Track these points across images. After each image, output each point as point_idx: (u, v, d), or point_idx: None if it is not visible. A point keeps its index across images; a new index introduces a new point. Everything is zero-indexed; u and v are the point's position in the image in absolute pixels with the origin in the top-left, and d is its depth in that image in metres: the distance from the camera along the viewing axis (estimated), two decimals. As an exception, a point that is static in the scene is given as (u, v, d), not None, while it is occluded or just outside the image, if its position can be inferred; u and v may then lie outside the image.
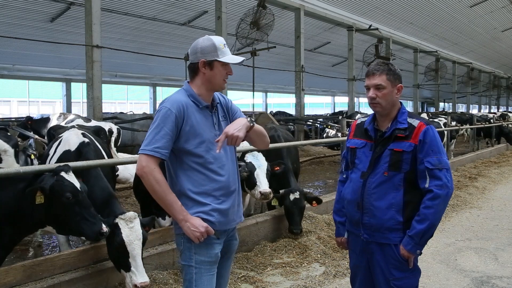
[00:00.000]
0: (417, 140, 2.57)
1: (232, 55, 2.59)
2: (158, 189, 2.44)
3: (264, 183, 4.98)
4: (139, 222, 3.50)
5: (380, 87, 2.62)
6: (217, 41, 2.56)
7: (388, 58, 18.35)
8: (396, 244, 2.61)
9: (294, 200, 5.51)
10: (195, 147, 2.51)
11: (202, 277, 2.53)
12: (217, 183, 2.55)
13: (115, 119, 11.29)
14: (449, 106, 42.36)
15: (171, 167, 2.57)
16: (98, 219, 3.32)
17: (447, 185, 2.52)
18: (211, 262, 2.57)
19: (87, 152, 4.08)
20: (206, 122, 2.57)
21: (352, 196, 2.72)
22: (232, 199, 2.63)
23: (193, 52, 2.56)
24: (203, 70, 2.55)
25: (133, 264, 3.34)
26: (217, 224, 2.54)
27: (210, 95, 2.62)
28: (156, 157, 2.44)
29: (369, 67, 2.73)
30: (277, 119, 14.94)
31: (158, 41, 18.34)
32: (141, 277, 3.32)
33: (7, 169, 3.86)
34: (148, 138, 2.48)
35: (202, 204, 2.52)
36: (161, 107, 2.52)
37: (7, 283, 3.45)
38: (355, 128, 2.85)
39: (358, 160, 2.73)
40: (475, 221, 6.94)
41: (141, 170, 2.45)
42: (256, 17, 12.71)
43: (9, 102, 30.31)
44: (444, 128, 12.69)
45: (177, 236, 2.61)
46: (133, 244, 3.37)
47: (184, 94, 2.58)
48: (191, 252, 2.54)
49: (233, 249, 2.77)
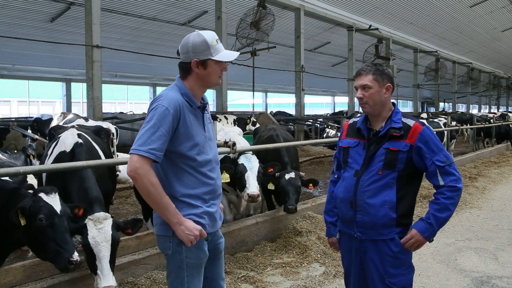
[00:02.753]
0: (414, 140, 2.60)
1: (226, 52, 2.50)
2: (153, 192, 2.34)
3: (253, 185, 4.96)
4: (110, 223, 3.35)
5: (367, 87, 2.66)
6: (209, 38, 2.43)
7: (388, 58, 18.37)
8: (392, 238, 2.64)
9: (289, 179, 5.57)
10: (188, 150, 2.44)
11: (194, 279, 2.51)
12: (207, 186, 2.52)
13: (115, 119, 11.29)
14: (449, 106, 42.37)
15: (161, 169, 2.46)
16: (71, 246, 3.09)
17: (459, 177, 2.63)
18: (201, 264, 2.55)
19: (79, 152, 4.04)
20: (198, 123, 2.51)
21: (345, 195, 2.73)
22: (218, 203, 2.63)
23: (185, 51, 2.44)
24: (196, 70, 2.45)
25: (99, 267, 3.19)
26: (207, 227, 2.51)
27: (202, 93, 2.57)
28: (150, 158, 2.33)
29: (358, 69, 2.78)
30: (277, 119, 14.93)
31: (158, 41, 18.34)
32: (106, 281, 3.15)
33: (7, 169, 3.86)
34: (142, 137, 2.34)
35: (193, 206, 2.47)
36: (157, 105, 2.39)
37: (7, 283, 3.46)
38: (348, 128, 2.88)
39: (351, 159, 2.75)
40: (475, 221, 6.93)
41: (135, 171, 2.31)
42: (256, 17, 12.71)
43: (9, 102, 30.31)
44: (444, 128, 12.69)
45: (163, 239, 2.50)
46: (99, 246, 3.22)
47: (179, 92, 2.47)
48: (182, 256, 2.47)
49: (221, 249, 2.74)
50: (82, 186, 3.73)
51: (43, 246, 3.14)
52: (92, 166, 3.89)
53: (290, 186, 5.53)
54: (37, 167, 4.37)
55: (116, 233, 3.37)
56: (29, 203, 3.14)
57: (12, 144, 9.89)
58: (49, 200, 3.16)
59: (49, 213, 3.11)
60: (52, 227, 3.09)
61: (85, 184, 3.73)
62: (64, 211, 3.19)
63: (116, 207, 7.75)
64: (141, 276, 4.13)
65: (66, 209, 3.24)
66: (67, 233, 3.15)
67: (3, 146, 9.96)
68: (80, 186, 3.73)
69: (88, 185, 3.73)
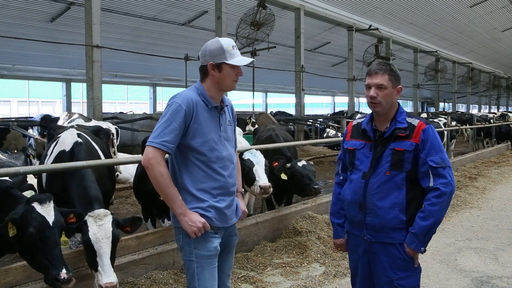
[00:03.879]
0: (418, 139, 2.58)
1: (240, 57, 2.64)
2: (161, 182, 2.50)
3: (263, 177, 5.02)
4: (110, 220, 3.35)
5: (382, 87, 2.63)
6: (225, 44, 2.61)
7: (388, 58, 18.36)
8: (401, 243, 2.61)
9: (303, 165, 5.76)
10: (200, 145, 2.58)
11: (203, 270, 2.60)
12: (216, 182, 2.63)
13: (115, 119, 11.29)
14: (449, 106, 42.38)
15: (175, 161, 2.64)
16: (60, 262, 3.02)
17: (451, 183, 2.54)
18: (211, 256, 2.63)
19: (79, 152, 4.05)
20: (213, 122, 2.65)
21: (353, 197, 2.71)
22: (230, 200, 2.71)
23: (203, 55, 2.64)
24: (212, 73, 2.62)
25: (100, 263, 3.19)
26: (214, 220, 2.61)
27: (220, 95, 2.71)
28: (162, 150, 2.50)
29: (371, 66, 2.73)
30: (277, 119, 14.94)
31: (158, 41, 18.35)
32: (107, 277, 3.14)
33: (7, 169, 3.86)
34: (156, 131, 2.53)
35: (200, 200, 2.60)
36: (172, 102, 2.58)
37: (7, 283, 3.45)
38: (352, 130, 2.85)
39: (358, 161, 2.73)
40: (475, 221, 6.93)
41: (147, 161, 2.50)
42: (256, 17, 12.71)
43: (9, 102, 30.30)
44: (444, 128, 12.69)
45: (175, 230, 2.67)
46: (100, 243, 3.24)
47: (195, 92, 2.64)
48: (190, 247, 2.61)
49: (233, 244, 2.84)
50: (82, 185, 3.73)
51: (33, 257, 3.11)
52: (92, 166, 3.89)
53: (307, 170, 5.71)
54: (37, 167, 4.37)
55: (116, 230, 3.38)
56: (21, 213, 3.07)
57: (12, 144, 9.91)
58: (42, 211, 3.09)
59: (40, 226, 3.03)
60: (43, 240, 3.03)
61: (85, 182, 3.74)
62: (57, 222, 3.12)
63: (116, 207, 7.75)
64: (141, 276, 4.13)
65: (60, 218, 3.18)
66: (58, 247, 3.09)
67: (3, 146, 9.97)
68: (79, 185, 3.73)
69: (88, 184, 3.73)
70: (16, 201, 3.36)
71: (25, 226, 3.03)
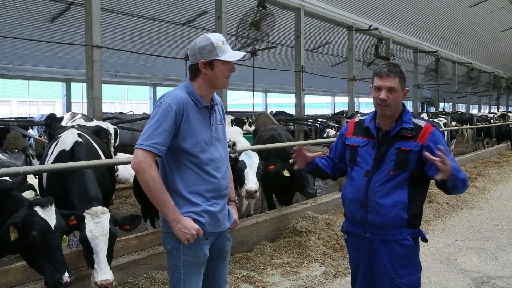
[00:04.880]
0: (424, 140, 2.59)
1: (232, 52, 2.55)
2: (153, 187, 2.40)
3: (251, 181, 4.98)
4: (108, 217, 3.36)
5: (393, 90, 2.61)
6: (215, 39, 2.51)
7: (388, 58, 18.34)
8: (405, 239, 2.63)
9: None
10: (191, 147, 2.48)
11: (190, 277, 2.51)
12: (209, 185, 2.53)
13: (115, 119, 11.28)
14: (449, 106, 42.35)
15: (166, 164, 2.53)
16: (63, 266, 3.06)
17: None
18: (200, 263, 2.55)
19: (79, 151, 4.05)
20: (204, 122, 2.55)
21: (355, 195, 2.71)
22: (223, 203, 2.62)
23: (192, 53, 2.53)
24: (204, 71, 2.51)
25: (96, 261, 3.20)
26: (207, 226, 2.53)
27: (210, 94, 2.60)
28: (153, 153, 2.39)
29: (382, 67, 2.67)
30: (277, 119, 14.91)
31: (158, 41, 18.33)
32: (103, 274, 3.15)
33: (7, 169, 3.87)
34: (146, 132, 2.42)
35: (193, 204, 2.50)
36: (161, 102, 2.47)
37: (7, 283, 3.45)
38: (354, 126, 2.84)
39: (360, 158, 2.72)
40: (475, 221, 6.93)
41: (138, 165, 2.39)
42: (256, 17, 12.71)
43: (9, 102, 30.29)
44: (444, 128, 12.69)
45: (164, 235, 2.57)
46: (96, 240, 3.23)
47: (185, 91, 2.53)
48: (179, 252, 2.50)
49: (227, 250, 2.74)
50: (81, 184, 3.74)
51: (35, 261, 3.11)
52: (92, 166, 3.90)
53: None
54: (37, 167, 4.38)
55: (114, 228, 3.37)
56: (23, 216, 3.07)
57: (12, 144, 9.90)
58: (44, 215, 3.09)
59: (43, 230, 3.05)
60: (45, 244, 3.04)
61: (84, 181, 3.75)
62: (58, 226, 3.14)
63: (116, 207, 7.75)
64: (141, 276, 4.14)
65: (61, 222, 3.19)
66: (60, 251, 3.11)
67: (3, 146, 9.96)
68: (79, 184, 3.74)
69: (87, 183, 3.74)
70: (16, 202, 3.36)
71: (27, 230, 3.03)
